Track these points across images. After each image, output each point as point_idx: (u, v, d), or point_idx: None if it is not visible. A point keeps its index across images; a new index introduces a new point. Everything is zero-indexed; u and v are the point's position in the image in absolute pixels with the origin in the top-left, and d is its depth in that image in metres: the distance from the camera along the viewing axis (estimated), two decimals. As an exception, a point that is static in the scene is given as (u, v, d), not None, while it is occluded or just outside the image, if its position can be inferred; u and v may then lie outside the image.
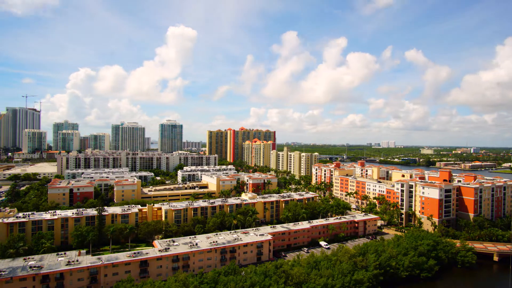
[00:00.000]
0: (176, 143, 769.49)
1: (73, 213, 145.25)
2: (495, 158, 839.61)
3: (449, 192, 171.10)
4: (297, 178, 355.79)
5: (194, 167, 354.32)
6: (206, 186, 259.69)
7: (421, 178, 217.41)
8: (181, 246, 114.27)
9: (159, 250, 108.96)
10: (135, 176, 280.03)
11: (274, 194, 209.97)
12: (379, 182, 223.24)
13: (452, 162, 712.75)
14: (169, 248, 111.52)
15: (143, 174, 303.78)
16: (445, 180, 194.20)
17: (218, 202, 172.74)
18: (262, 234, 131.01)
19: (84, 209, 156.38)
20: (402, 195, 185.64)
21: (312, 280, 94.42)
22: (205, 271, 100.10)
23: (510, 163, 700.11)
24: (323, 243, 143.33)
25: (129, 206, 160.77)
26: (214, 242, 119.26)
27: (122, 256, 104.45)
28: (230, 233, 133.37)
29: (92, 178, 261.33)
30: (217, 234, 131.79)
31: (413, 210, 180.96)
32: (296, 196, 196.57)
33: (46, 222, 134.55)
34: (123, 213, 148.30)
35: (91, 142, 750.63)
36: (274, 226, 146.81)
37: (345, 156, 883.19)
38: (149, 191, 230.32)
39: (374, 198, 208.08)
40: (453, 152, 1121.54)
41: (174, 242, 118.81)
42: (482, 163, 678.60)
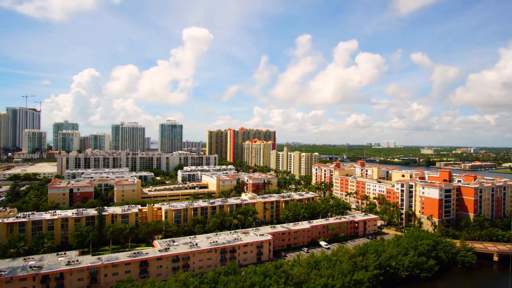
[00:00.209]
0: (176, 143, 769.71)
1: (73, 213, 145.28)
2: (495, 158, 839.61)
3: (449, 192, 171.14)
4: (297, 178, 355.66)
5: (194, 167, 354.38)
6: (206, 186, 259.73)
7: (421, 178, 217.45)
8: (181, 246, 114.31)
9: (159, 250, 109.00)
10: (135, 176, 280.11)
11: (274, 194, 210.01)
12: (379, 182, 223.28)
13: (452, 162, 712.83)
14: (169, 248, 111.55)
15: (143, 174, 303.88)
16: (445, 180, 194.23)
17: (218, 202, 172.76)
18: (262, 234, 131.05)
19: (84, 209, 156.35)
20: (402, 195, 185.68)
21: (312, 280, 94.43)
22: (205, 271, 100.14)
23: (510, 163, 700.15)
24: (323, 243, 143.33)
25: (129, 206, 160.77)
26: (214, 242, 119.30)
27: (122, 256, 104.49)
28: (230, 233, 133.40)
29: (92, 178, 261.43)
30: (217, 234, 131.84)
31: (413, 210, 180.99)
32: (296, 196, 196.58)
33: (46, 222, 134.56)
34: (123, 213, 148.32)
35: (91, 142, 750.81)
36: (274, 226, 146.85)
37: (345, 156, 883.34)
38: (149, 191, 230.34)
39: (374, 198, 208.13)
40: (453, 152, 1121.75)
41: (174, 242, 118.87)
42: (482, 163, 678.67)
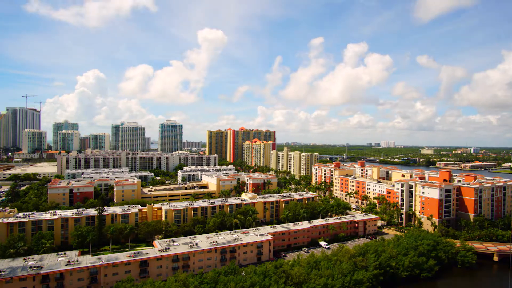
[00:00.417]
0: (176, 143, 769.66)
1: (73, 213, 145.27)
2: (495, 158, 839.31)
3: (449, 192, 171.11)
4: (297, 178, 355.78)
5: (194, 167, 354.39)
6: (206, 186, 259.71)
7: (421, 178, 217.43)
8: (181, 246, 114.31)
9: (159, 250, 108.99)
10: (135, 176, 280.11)
11: (274, 194, 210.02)
12: (379, 182, 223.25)
13: (452, 162, 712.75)
14: (169, 248, 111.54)
15: (143, 174, 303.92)
16: (445, 180, 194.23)
17: (218, 202, 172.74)
18: (262, 234, 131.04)
19: (84, 209, 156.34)
20: (402, 195, 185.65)
21: (312, 280, 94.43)
22: (205, 271, 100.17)
23: (510, 163, 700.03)
24: (323, 243, 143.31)
25: (129, 206, 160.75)
26: (214, 242, 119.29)
27: (122, 256, 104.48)
28: (230, 233, 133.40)
29: (92, 178, 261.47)
30: (217, 234, 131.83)
31: (413, 210, 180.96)
32: (296, 196, 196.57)
33: (46, 222, 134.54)
34: (123, 213, 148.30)
35: (91, 142, 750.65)
36: (274, 226, 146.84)
37: (345, 156, 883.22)
38: (149, 191, 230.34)
39: (374, 198, 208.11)
40: (453, 152, 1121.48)
41: (174, 242, 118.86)
42: (482, 163, 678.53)
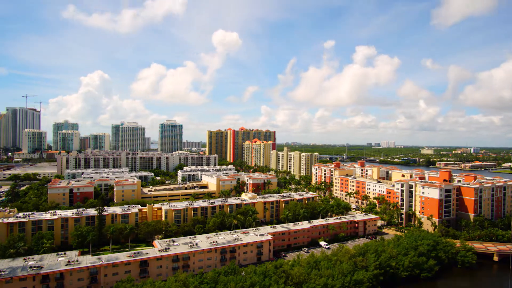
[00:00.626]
0: (176, 143, 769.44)
1: (73, 213, 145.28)
2: (495, 158, 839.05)
3: (449, 192, 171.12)
4: (297, 178, 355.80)
5: (194, 167, 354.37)
6: (206, 186, 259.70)
7: (421, 178, 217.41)
8: (181, 246, 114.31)
9: (159, 250, 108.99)
10: (135, 176, 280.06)
11: (274, 194, 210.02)
12: (379, 182, 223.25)
13: (452, 162, 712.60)
14: (169, 248, 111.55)
15: (143, 174, 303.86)
16: (445, 180, 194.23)
17: (218, 202, 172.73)
18: (262, 234, 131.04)
19: (84, 209, 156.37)
20: (402, 195, 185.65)
21: (312, 280, 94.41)
22: (205, 271, 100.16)
23: (510, 163, 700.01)
24: (323, 243, 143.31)
25: (129, 206, 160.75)
26: (214, 242, 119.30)
27: (122, 256, 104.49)
28: (230, 233, 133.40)
29: (92, 178, 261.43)
30: (217, 234, 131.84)
31: (413, 210, 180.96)
32: (296, 196, 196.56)
33: (46, 222, 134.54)
34: (123, 213, 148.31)
35: (91, 142, 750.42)
36: (274, 226, 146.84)
37: (345, 156, 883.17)
38: (149, 191, 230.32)
39: (374, 198, 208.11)
40: (453, 152, 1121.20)
41: (174, 242, 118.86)
42: (482, 163, 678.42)
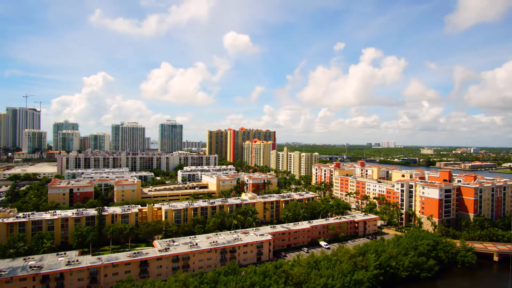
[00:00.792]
0: (176, 143, 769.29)
1: (73, 213, 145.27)
2: (495, 158, 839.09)
3: (449, 192, 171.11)
4: (297, 178, 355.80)
5: (194, 167, 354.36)
6: (206, 186, 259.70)
7: (421, 178, 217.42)
8: (181, 246, 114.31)
9: (159, 250, 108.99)
10: (135, 176, 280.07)
11: (274, 194, 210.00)
12: (379, 182, 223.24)
13: (452, 162, 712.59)
14: (169, 248, 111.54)
15: (143, 174, 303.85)
16: (445, 180, 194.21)
17: (218, 202, 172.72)
18: (262, 234, 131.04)
19: (84, 209, 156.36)
20: (402, 195, 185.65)
21: (312, 280, 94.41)
22: (205, 271, 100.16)
23: (510, 163, 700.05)
24: (323, 243, 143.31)
25: (129, 206, 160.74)
26: (214, 242, 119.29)
27: (122, 256, 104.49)
28: (230, 233, 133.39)
29: (92, 178, 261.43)
30: (217, 234, 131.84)
31: (413, 210, 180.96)
32: (296, 196, 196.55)
33: (46, 222, 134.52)
34: (123, 213, 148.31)
35: (91, 142, 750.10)
36: (274, 226, 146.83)
37: (345, 156, 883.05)
38: (149, 191, 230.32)
39: (374, 198, 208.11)
40: (453, 152, 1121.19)
41: (174, 242, 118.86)
42: (482, 163, 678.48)
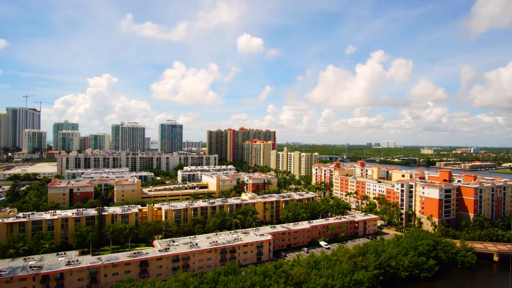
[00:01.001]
0: (176, 143, 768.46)
1: (73, 213, 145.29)
2: (495, 158, 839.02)
3: (449, 192, 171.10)
4: (297, 178, 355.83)
5: (194, 167, 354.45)
6: (206, 186, 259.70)
7: (421, 178, 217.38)
8: (181, 246, 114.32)
9: (159, 250, 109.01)
10: (135, 176, 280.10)
11: (274, 194, 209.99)
12: (379, 182, 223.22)
13: (452, 162, 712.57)
14: (169, 248, 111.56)
15: (143, 174, 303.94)
16: (445, 180, 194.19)
17: (218, 202, 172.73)
18: (262, 234, 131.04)
19: (84, 209, 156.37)
20: (402, 195, 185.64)
21: (312, 280, 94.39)
22: (205, 271, 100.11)
23: (510, 163, 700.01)
24: (323, 243, 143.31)
25: (129, 206, 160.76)
26: (214, 242, 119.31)
27: (122, 256, 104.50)
28: (230, 233, 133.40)
29: (92, 178, 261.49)
30: (217, 234, 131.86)
31: (413, 210, 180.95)
32: (296, 196, 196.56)
33: (46, 222, 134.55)
34: (123, 213, 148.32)
35: (91, 142, 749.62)
36: (274, 226, 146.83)
37: (345, 156, 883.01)
38: (149, 191, 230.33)
39: (374, 198, 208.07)
40: (453, 152, 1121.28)
41: (174, 242, 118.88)
42: (482, 163, 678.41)
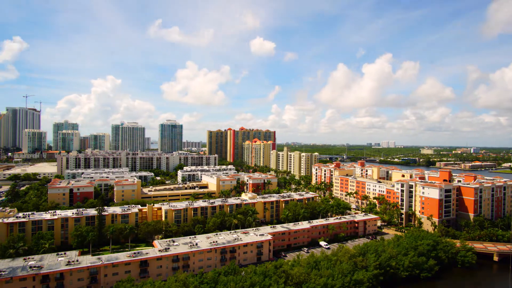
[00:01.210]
0: (176, 143, 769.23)
1: (73, 213, 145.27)
2: (495, 158, 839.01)
3: (449, 192, 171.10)
4: (297, 178, 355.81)
5: (194, 167, 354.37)
6: (206, 186, 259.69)
7: (421, 178, 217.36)
8: (181, 246, 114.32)
9: (159, 250, 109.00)
10: (135, 176, 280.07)
11: (274, 194, 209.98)
12: (379, 182, 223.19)
13: (452, 162, 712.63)
14: (169, 248, 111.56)
15: (143, 174, 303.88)
16: (445, 180, 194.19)
17: (218, 202, 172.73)
18: (262, 234, 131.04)
19: (84, 209, 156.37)
20: (402, 195, 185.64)
21: (312, 280, 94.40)
22: (205, 271, 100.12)
23: (510, 163, 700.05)
24: (323, 243, 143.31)
25: (129, 206, 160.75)
26: (214, 242, 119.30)
27: (122, 256, 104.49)
28: (230, 233, 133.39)
29: (92, 178, 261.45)
30: (217, 234, 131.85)
31: (413, 210, 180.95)
32: (296, 196, 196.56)
33: (46, 222, 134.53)
34: (123, 213, 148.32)
35: (91, 142, 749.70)
36: (274, 226, 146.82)
37: (345, 156, 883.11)
38: (149, 191, 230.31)
39: (374, 198, 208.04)
40: (453, 152, 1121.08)
41: (174, 242, 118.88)
42: (482, 163, 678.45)
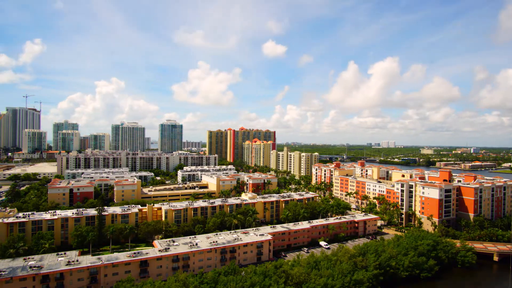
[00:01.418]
0: (176, 143, 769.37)
1: (73, 213, 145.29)
2: (495, 158, 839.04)
3: (449, 192, 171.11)
4: (297, 178, 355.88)
5: (194, 167, 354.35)
6: (206, 186, 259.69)
7: (421, 178, 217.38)
8: (181, 246, 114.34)
9: (159, 250, 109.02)
10: (135, 176, 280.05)
11: (274, 194, 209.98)
12: (379, 182, 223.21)
13: (452, 162, 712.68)
14: (169, 248, 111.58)
15: (143, 174, 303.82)
16: (445, 180, 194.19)
17: (218, 202, 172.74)
18: (262, 234, 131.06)
19: (84, 209, 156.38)
20: (402, 195, 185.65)
21: (312, 280, 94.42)
22: (205, 271, 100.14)
23: (510, 163, 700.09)
24: (323, 243, 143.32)
25: (129, 206, 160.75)
26: (214, 242, 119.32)
27: (122, 256, 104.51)
28: (230, 233, 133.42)
29: (92, 178, 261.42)
30: (217, 234, 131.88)
31: (413, 210, 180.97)
32: (296, 196, 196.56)
33: (46, 222, 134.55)
34: (123, 213, 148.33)
35: (91, 142, 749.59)
36: (274, 226, 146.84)
37: (345, 156, 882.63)
38: (149, 191, 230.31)
39: (374, 198, 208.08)
40: (453, 152, 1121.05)
41: (174, 242, 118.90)
42: (482, 163, 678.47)
